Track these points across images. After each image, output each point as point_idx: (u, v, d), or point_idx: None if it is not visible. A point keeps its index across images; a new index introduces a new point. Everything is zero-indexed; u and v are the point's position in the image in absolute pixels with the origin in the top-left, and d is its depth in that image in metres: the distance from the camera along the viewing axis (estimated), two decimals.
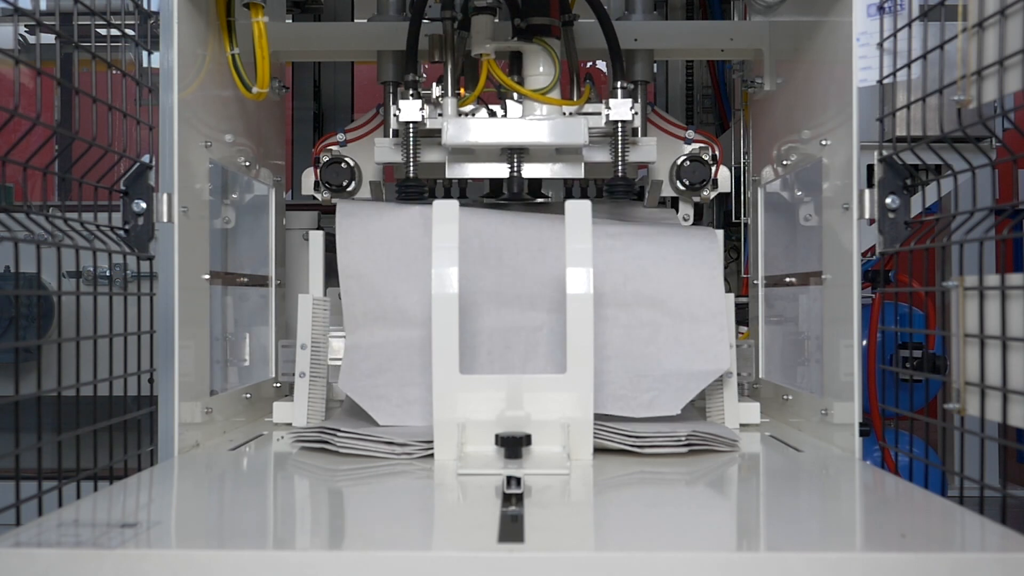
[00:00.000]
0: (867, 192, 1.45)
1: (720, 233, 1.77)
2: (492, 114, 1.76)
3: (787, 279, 1.87)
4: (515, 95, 1.76)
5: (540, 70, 1.74)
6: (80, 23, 1.36)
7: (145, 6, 1.51)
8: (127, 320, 1.44)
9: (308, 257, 1.83)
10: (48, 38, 1.33)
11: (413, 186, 1.75)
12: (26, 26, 2.50)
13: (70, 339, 1.36)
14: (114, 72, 1.43)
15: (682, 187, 1.96)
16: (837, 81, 1.52)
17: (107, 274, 1.49)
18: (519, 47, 1.75)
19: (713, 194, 1.97)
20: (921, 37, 1.39)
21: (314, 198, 2.00)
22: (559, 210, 1.53)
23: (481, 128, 1.67)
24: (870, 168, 1.55)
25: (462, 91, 1.72)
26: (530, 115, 1.74)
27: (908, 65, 1.42)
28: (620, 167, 1.73)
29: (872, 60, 1.49)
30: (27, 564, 0.90)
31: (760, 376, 1.96)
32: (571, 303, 1.41)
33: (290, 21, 2.80)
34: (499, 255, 1.71)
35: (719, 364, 1.62)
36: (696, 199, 2.01)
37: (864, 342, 2.11)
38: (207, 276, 1.62)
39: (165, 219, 1.47)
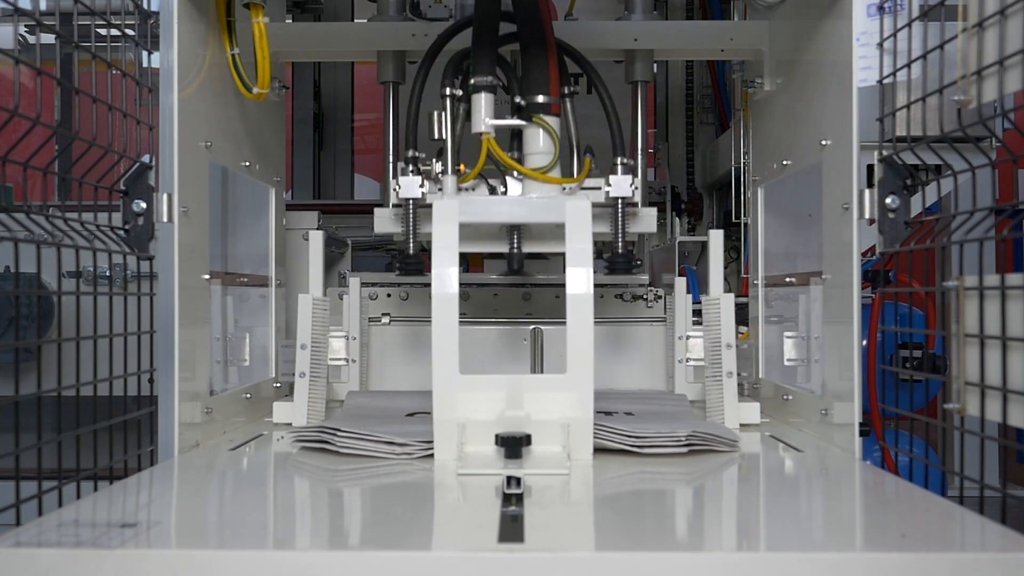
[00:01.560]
0: (867, 192, 1.45)
1: (719, 233, 1.76)
2: (492, 190, 1.74)
3: (787, 279, 1.87)
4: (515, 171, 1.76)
5: (540, 148, 1.73)
6: (80, 23, 1.36)
7: (145, 6, 1.51)
8: (127, 320, 1.44)
9: (308, 257, 1.83)
10: (48, 38, 1.33)
11: (413, 263, 1.75)
12: (26, 26, 2.50)
13: (70, 339, 1.36)
14: (114, 72, 1.43)
15: None
16: (837, 81, 1.52)
17: (107, 274, 1.49)
18: (519, 125, 1.74)
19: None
20: (921, 37, 1.39)
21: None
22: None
23: (481, 207, 1.65)
24: (870, 168, 1.55)
25: (462, 167, 1.71)
26: (530, 192, 1.73)
27: (908, 65, 1.42)
28: (620, 243, 1.73)
29: (872, 60, 1.49)
30: (27, 564, 0.90)
31: (760, 376, 1.96)
32: (571, 303, 1.41)
33: (290, 21, 2.80)
34: None
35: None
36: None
37: (864, 342, 2.11)
38: (207, 276, 1.62)
39: (165, 219, 1.47)
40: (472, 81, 1.69)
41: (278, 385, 2.01)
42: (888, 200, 1.43)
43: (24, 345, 1.28)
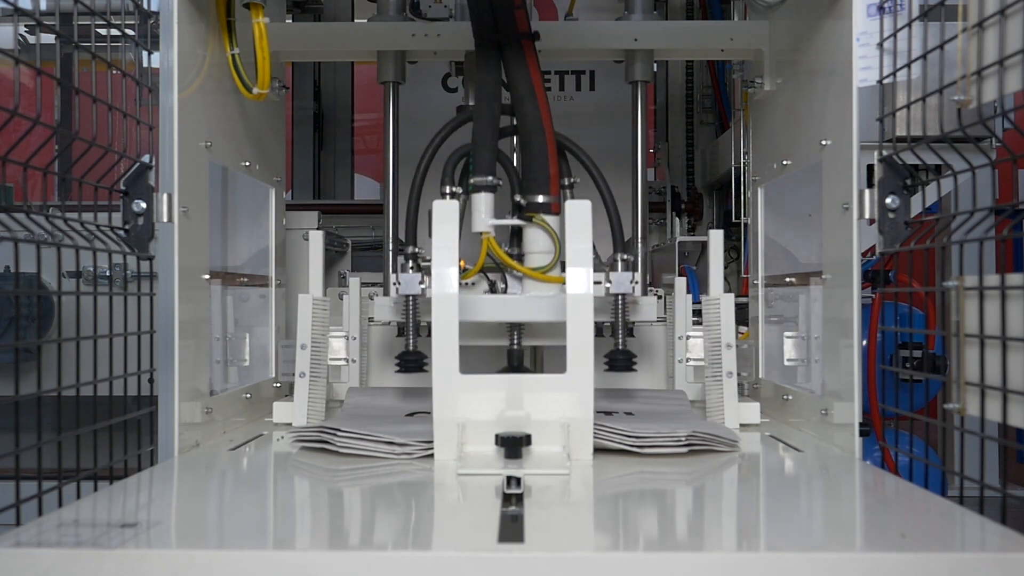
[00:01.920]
0: (867, 192, 1.45)
1: (719, 233, 1.76)
2: (492, 285, 1.75)
3: (787, 279, 1.87)
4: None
5: (540, 248, 1.72)
6: (80, 23, 1.36)
7: (145, 6, 1.51)
8: (127, 320, 1.44)
9: (308, 257, 1.83)
10: (48, 38, 1.33)
11: (413, 358, 1.75)
12: (26, 26, 2.49)
13: (70, 339, 1.36)
14: (114, 72, 1.43)
15: None
16: (837, 81, 1.52)
17: (107, 274, 1.49)
18: (519, 224, 1.74)
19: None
20: (921, 37, 1.39)
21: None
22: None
23: (481, 305, 1.65)
24: (870, 168, 1.55)
25: (462, 263, 1.71)
26: (530, 289, 1.73)
27: (908, 65, 1.42)
28: (620, 341, 1.73)
29: (872, 60, 1.49)
30: (27, 564, 0.90)
31: (760, 376, 1.96)
32: (571, 303, 1.41)
33: (290, 21, 2.80)
34: None
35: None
36: None
37: (864, 342, 2.11)
38: (207, 276, 1.62)
39: (165, 219, 1.47)
40: (472, 181, 1.70)
41: (278, 385, 2.01)
42: (888, 200, 1.43)
43: (24, 345, 1.28)
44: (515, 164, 1.85)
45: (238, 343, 1.88)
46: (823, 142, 1.59)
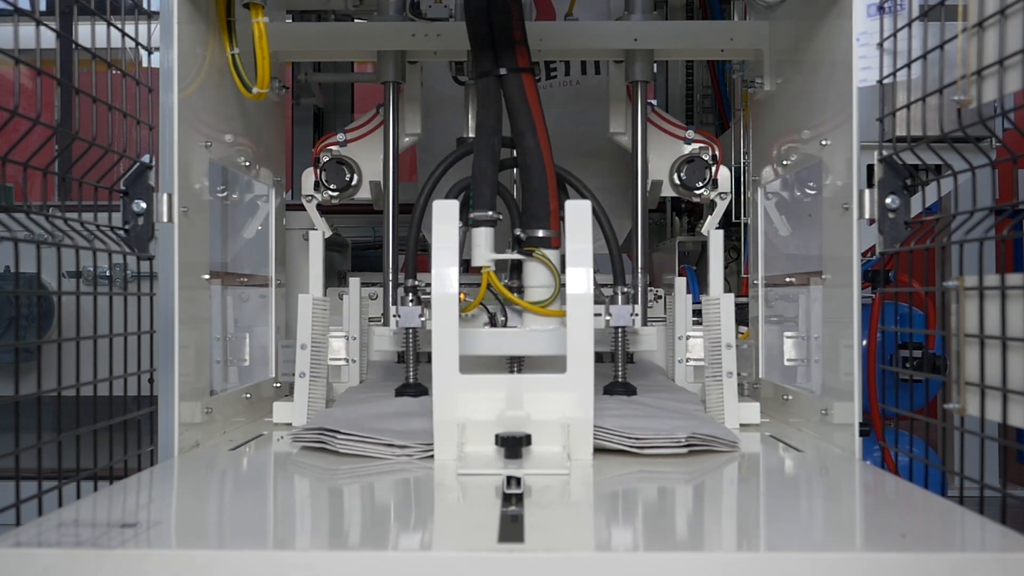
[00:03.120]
0: (867, 192, 1.45)
1: (719, 233, 1.77)
2: (492, 317, 1.75)
3: (787, 279, 1.87)
4: None
5: (540, 282, 1.72)
6: (80, 23, 1.36)
7: (145, 6, 1.51)
8: (127, 320, 1.44)
9: (308, 257, 1.83)
10: (48, 38, 1.33)
11: (413, 393, 1.76)
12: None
13: (70, 339, 1.36)
14: (114, 72, 1.43)
15: (681, 186, 1.96)
16: (837, 81, 1.52)
17: (107, 274, 1.49)
18: (519, 259, 1.75)
19: (713, 194, 1.97)
20: (921, 37, 1.39)
21: (313, 197, 2.00)
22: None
23: (480, 339, 1.65)
24: (870, 168, 1.55)
25: (462, 296, 1.72)
26: (530, 323, 1.73)
27: (908, 65, 1.42)
28: (620, 373, 1.75)
29: (872, 60, 1.49)
30: (27, 564, 0.90)
31: (760, 376, 1.96)
32: (571, 303, 1.41)
33: (290, 21, 2.80)
34: None
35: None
36: (695, 199, 2.01)
37: (864, 342, 2.11)
38: (207, 276, 1.62)
39: (165, 219, 1.47)
40: (472, 216, 1.70)
41: (278, 385, 2.01)
42: (888, 200, 1.43)
43: (24, 345, 1.28)
44: (515, 196, 1.86)
45: (238, 343, 1.88)
46: (823, 142, 1.59)
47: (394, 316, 1.78)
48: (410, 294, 1.76)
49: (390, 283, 1.95)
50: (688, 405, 1.73)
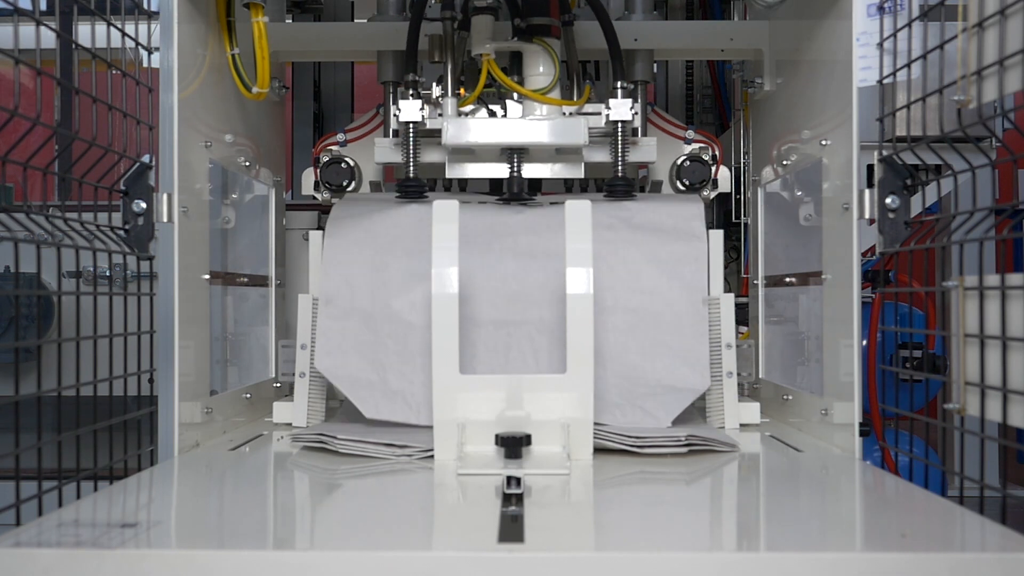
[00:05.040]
0: (867, 192, 1.45)
1: (719, 233, 1.77)
2: (492, 114, 1.75)
3: (787, 279, 1.87)
4: (515, 95, 1.76)
5: (540, 70, 1.74)
6: (80, 23, 1.36)
7: (145, 6, 1.51)
8: (127, 320, 1.44)
9: (308, 257, 1.83)
10: (48, 38, 1.33)
11: (413, 185, 1.75)
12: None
13: (70, 339, 1.36)
14: (114, 72, 1.43)
15: (682, 187, 1.96)
16: (837, 81, 1.52)
17: (107, 274, 1.49)
18: (519, 47, 1.75)
19: (713, 194, 1.98)
20: (921, 37, 1.39)
21: (314, 198, 2.00)
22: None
23: (481, 128, 1.66)
24: (870, 168, 1.55)
25: (462, 91, 1.72)
26: (530, 115, 1.74)
27: (908, 65, 1.42)
28: (620, 167, 1.74)
29: (872, 60, 1.49)
30: (27, 564, 0.90)
31: (760, 376, 1.96)
32: (571, 303, 1.41)
33: (290, 21, 2.80)
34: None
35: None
36: None
37: (864, 342, 2.11)
38: (207, 276, 1.62)
39: (165, 219, 1.47)
40: (472, 3, 1.68)
41: (278, 385, 2.00)
42: (888, 200, 1.43)
43: (24, 345, 1.28)
44: None
45: (238, 343, 1.88)
46: (823, 142, 1.59)
47: (394, 114, 1.72)
48: (410, 89, 1.71)
49: (389, 98, 1.93)
50: (687, 204, 1.75)
